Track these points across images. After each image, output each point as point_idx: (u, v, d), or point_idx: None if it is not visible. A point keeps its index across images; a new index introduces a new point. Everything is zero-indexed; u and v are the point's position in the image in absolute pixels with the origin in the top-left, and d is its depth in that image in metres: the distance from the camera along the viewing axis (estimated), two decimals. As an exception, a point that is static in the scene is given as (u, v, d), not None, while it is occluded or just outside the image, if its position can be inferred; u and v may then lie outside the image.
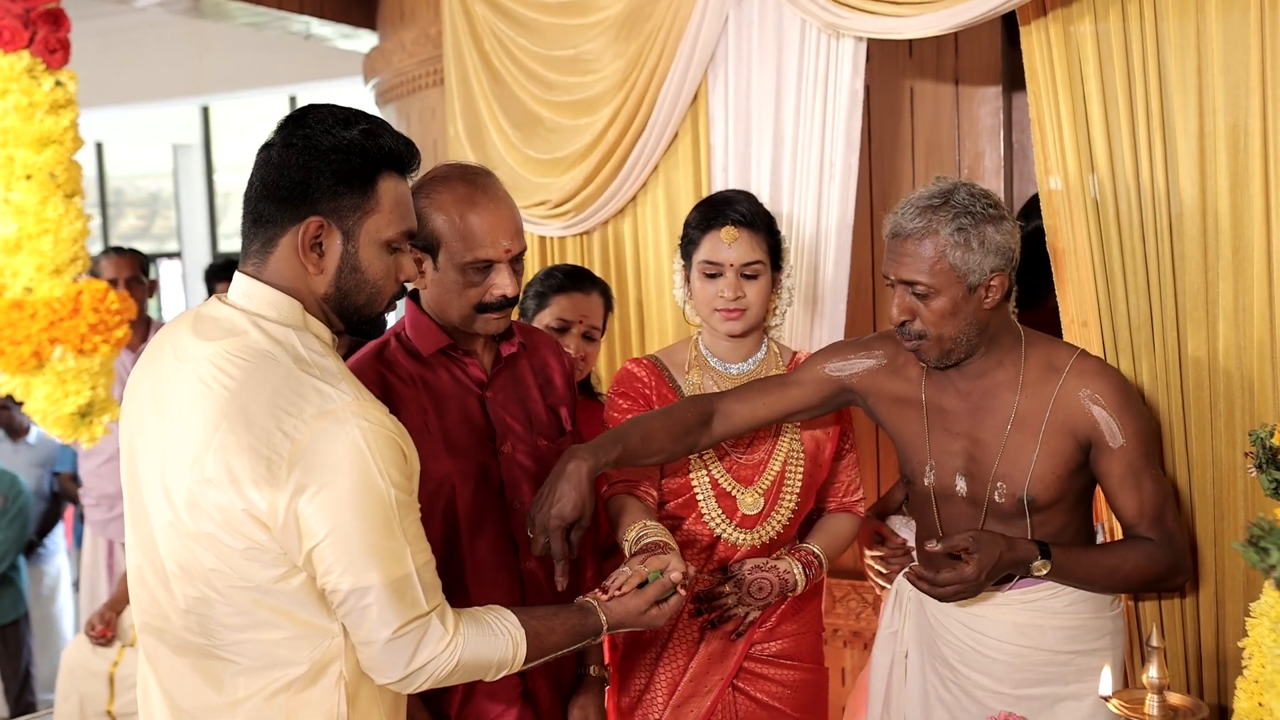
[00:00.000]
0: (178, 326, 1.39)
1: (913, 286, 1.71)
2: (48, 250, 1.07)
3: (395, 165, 1.39)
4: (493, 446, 1.72)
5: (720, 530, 1.92)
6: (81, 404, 1.04)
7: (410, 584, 1.32)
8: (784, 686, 1.97)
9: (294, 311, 1.36)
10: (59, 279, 1.06)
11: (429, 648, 1.34)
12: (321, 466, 1.26)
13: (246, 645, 1.32)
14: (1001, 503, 1.78)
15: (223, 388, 1.29)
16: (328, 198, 1.34)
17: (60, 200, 1.02)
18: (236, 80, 6.28)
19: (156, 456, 1.34)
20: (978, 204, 1.70)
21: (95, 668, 3.19)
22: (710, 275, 1.91)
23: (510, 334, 1.79)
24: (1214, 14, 1.90)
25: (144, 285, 3.65)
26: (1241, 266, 1.91)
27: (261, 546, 1.28)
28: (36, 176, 1.02)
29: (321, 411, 1.27)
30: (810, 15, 2.32)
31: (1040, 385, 1.77)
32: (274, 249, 1.36)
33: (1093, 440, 1.75)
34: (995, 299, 1.73)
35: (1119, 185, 2.01)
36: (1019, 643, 1.80)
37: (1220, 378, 1.94)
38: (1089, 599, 1.80)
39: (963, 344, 1.74)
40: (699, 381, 1.97)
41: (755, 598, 1.86)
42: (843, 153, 2.38)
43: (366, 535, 1.28)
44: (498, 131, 2.92)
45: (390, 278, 1.41)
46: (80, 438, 1.05)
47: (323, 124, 1.35)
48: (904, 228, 1.71)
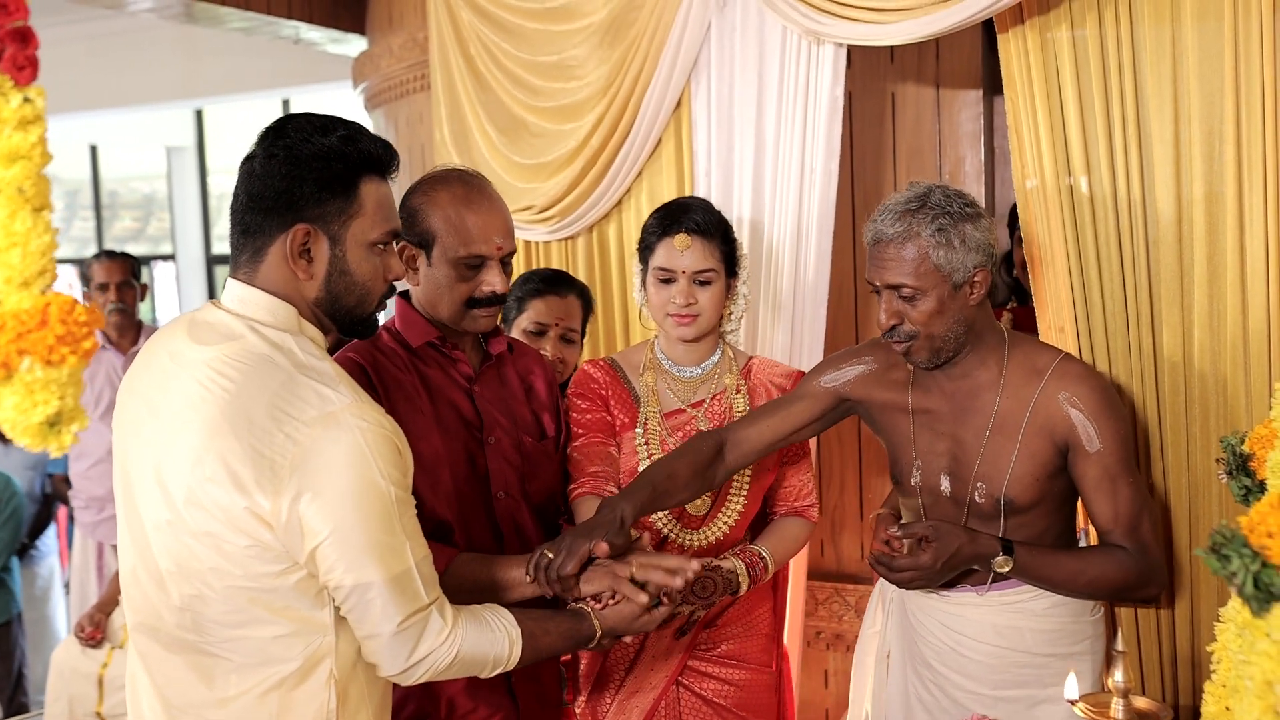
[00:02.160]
0: (173, 332, 1.41)
1: (899, 290, 1.73)
2: (16, 263, 1.07)
3: (375, 168, 1.42)
4: (479, 437, 1.76)
5: (667, 530, 1.94)
6: (50, 414, 1.04)
7: (410, 578, 1.36)
8: (730, 685, 1.98)
9: (289, 316, 1.39)
10: (27, 291, 1.06)
11: (429, 640, 1.37)
12: (323, 468, 1.29)
13: (240, 642, 1.34)
14: (981, 503, 1.79)
15: (223, 390, 1.32)
16: (312, 205, 1.38)
17: (29, 214, 1.02)
18: (229, 84, 6.29)
19: (151, 458, 1.36)
20: (954, 204, 1.72)
21: (85, 669, 3.19)
22: (664, 281, 1.94)
23: (498, 335, 1.85)
24: (1189, 22, 1.92)
25: (135, 289, 3.65)
26: (1216, 271, 1.93)
27: (264, 544, 1.31)
28: (4, 191, 1.01)
29: (322, 414, 1.30)
30: (791, 22, 2.34)
31: (1021, 387, 1.78)
32: (264, 257, 1.39)
33: (1070, 443, 1.75)
34: (980, 294, 1.75)
35: (1095, 191, 2.02)
36: (998, 644, 1.81)
37: (1195, 381, 1.95)
38: (1069, 603, 1.81)
39: (951, 341, 1.76)
40: (652, 383, 2.00)
41: (699, 596, 1.87)
42: (823, 159, 2.40)
43: (368, 533, 1.31)
44: (483, 136, 2.93)
45: (378, 278, 1.45)
46: (49, 446, 1.05)
47: (301, 132, 1.38)
48: (885, 233, 1.73)
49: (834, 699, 2.91)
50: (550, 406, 1.90)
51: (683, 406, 1.99)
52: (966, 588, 1.83)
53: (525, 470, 1.80)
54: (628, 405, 1.99)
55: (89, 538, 3.71)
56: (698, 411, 1.99)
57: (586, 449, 1.93)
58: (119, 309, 3.59)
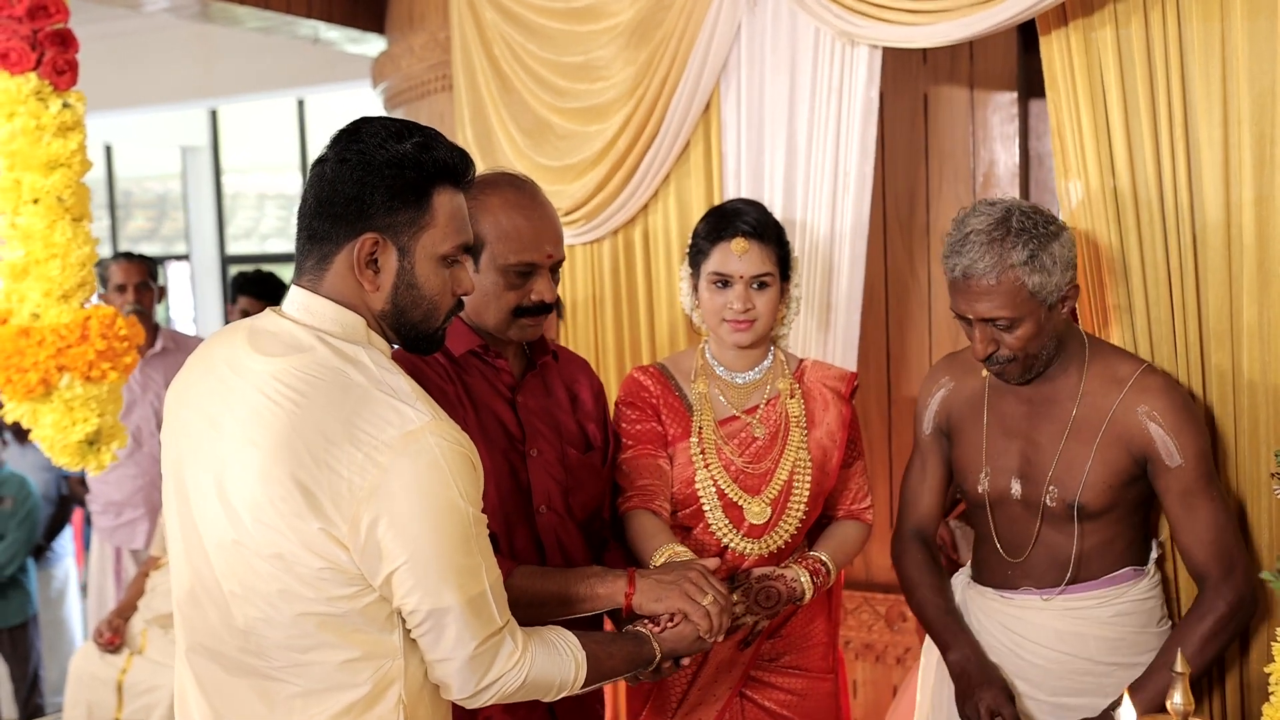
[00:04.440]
0: (231, 340, 1.36)
1: (994, 321, 1.72)
2: (55, 275, 1.05)
3: (450, 178, 1.36)
4: (521, 449, 1.72)
5: (727, 540, 1.90)
6: (89, 431, 1.01)
7: (486, 601, 1.32)
8: (793, 694, 1.95)
9: (358, 327, 1.35)
10: (67, 305, 1.03)
11: (501, 663, 1.34)
12: (403, 490, 1.25)
13: (308, 668, 1.29)
14: (1053, 506, 1.78)
15: (294, 405, 1.26)
16: (383, 213, 1.32)
17: (68, 224, 0.99)
18: (244, 84, 6.27)
19: (213, 474, 1.31)
20: (1038, 224, 1.70)
21: (103, 675, 3.17)
22: (720, 286, 1.90)
23: (543, 344, 1.80)
24: (1239, 20, 1.87)
25: (153, 291, 3.64)
26: (1267, 278, 1.88)
27: (339, 566, 1.26)
28: (44, 200, 0.99)
29: (403, 433, 1.25)
30: (824, 23, 2.29)
31: (1100, 396, 1.78)
32: (329, 265, 1.34)
33: (1149, 457, 1.75)
34: (1070, 307, 1.77)
35: (1141, 197, 1.97)
36: (1059, 649, 1.80)
37: (1245, 392, 1.90)
38: (1135, 612, 1.80)
39: (1043, 358, 1.78)
40: (705, 391, 1.96)
41: (763, 606, 1.85)
42: (857, 161, 2.35)
43: (446, 555, 1.28)
44: (507, 138, 2.90)
45: (446, 292, 1.39)
46: (88, 465, 1.02)
47: (376, 137, 1.33)
48: (975, 268, 1.70)
49: (863, 709, 2.87)
50: (597, 416, 1.85)
51: (736, 413, 1.95)
52: (1032, 590, 1.82)
53: (569, 484, 1.75)
54: (680, 415, 1.94)
55: (106, 542, 3.70)
56: (752, 418, 1.94)
57: (636, 461, 1.89)
58: (136, 310, 3.57)
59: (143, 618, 3.22)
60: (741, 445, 1.92)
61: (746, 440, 1.92)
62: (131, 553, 3.65)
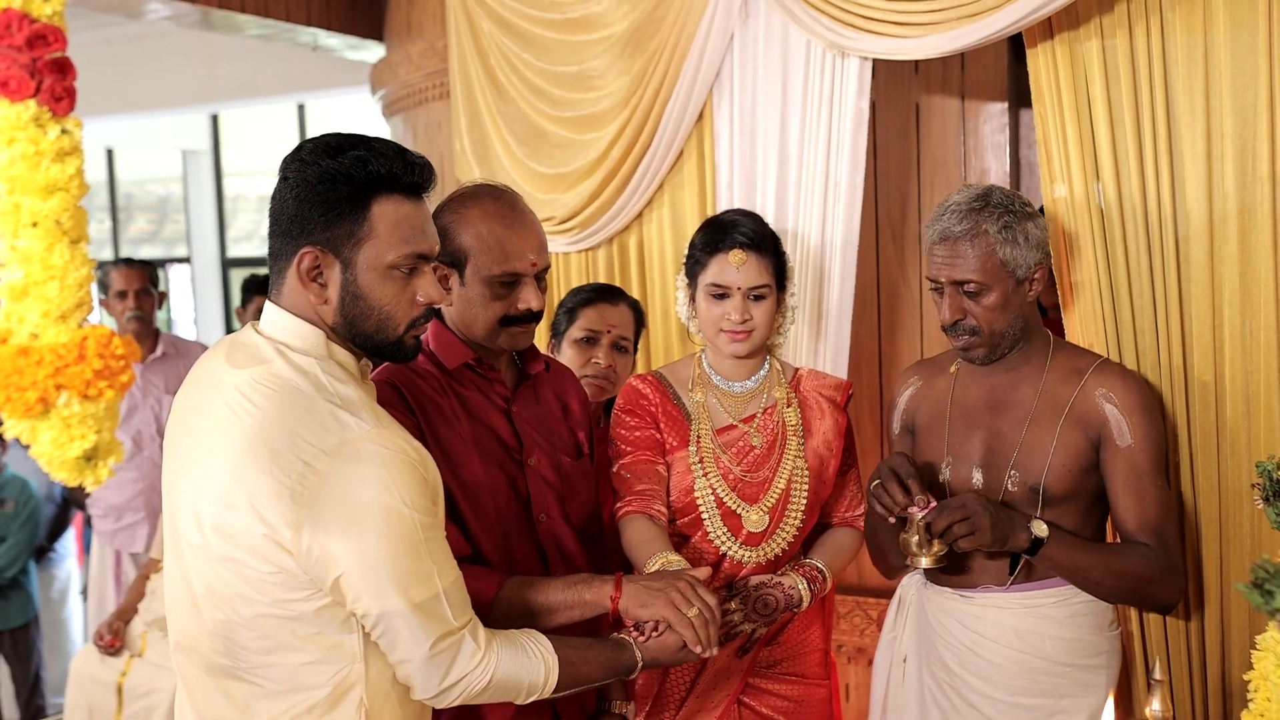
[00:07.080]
0: (216, 353, 1.41)
1: (963, 285, 1.78)
2: (53, 296, 1.08)
3: (391, 188, 1.37)
4: (519, 459, 1.73)
5: (726, 548, 1.92)
6: (87, 448, 1.04)
7: (439, 603, 1.34)
8: (789, 700, 1.97)
9: (317, 340, 1.38)
10: (65, 325, 1.06)
11: (462, 663, 1.36)
12: (342, 497, 1.28)
13: (271, 669, 1.33)
14: (1015, 492, 1.81)
15: (249, 416, 1.31)
16: (320, 228, 1.36)
17: (66, 247, 1.02)
18: (245, 89, 6.30)
19: (189, 482, 1.36)
20: (1015, 202, 1.79)
21: (103, 678, 3.19)
22: (717, 297, 1.92)
23: (535, 353, 1.82)
24: (1222, 33, 1.89)
25: (153, 297, 3.66)
26: (1249, 288, 1.90)
27: (287, 571, 1.30)
28: (42, 224, 1.02)
29: (342, 441, 1.29)
30: (815, 35, 2.32)
31: (1062, 384, 1.83)
32: (284, 280, 1.39)
33: (1102, 437, 1.79)
34: (1038, 290, 1.81)
35: (1125, 207, 2.00)
36: (1017, 648, 1.82)
37: (1227, 401, 1.92)
38: (1090, 613, 1.83)
39: (1009, 337, 1.82)
40: (702, 399, 1.97)
41: (760, 614, 1.86)
42: (847, 172, 2.38)
43: (392, 560, 1.30)
44: (503, 146, 2.92)
45: (401, 302, 1.39)
46: (85, 480, 1.05)
47: (314, 154, 1.37)
48: (952, 230, 1.78)
49: (855, 713, 2.89)
50: (585, 424, 1.87)
51: (734, 422, 1.97)
52: (991, 588, 1.84)
53: (564, 491, 1.76)
54: (678, 423, 1.96)
55: (107, 546, 3.71)
56: (749, 426, 1.96)
57: (634, 467, 1.91)
58: (137, 316, 3.60)
59: (143, 620, 3.24)
60: (739, 454, 1.94)
61: (744, 449, 1.94)
62: (131, 556, 3.67)
